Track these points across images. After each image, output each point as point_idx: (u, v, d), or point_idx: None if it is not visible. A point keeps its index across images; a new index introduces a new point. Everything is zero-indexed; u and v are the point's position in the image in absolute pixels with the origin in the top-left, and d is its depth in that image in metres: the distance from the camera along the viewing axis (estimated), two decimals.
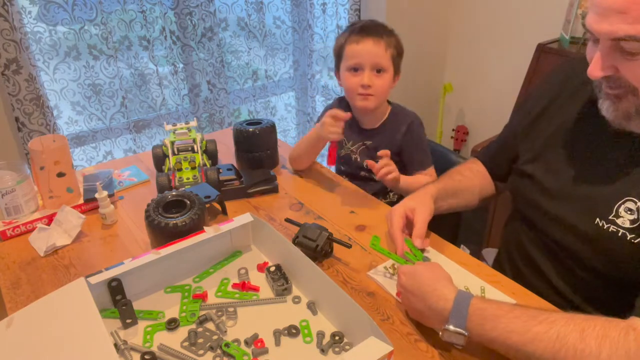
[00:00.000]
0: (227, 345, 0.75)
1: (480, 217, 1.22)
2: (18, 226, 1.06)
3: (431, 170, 1.34)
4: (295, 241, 0.96)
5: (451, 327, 0.72)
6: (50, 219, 1.07)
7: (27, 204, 1.08)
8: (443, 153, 1.41)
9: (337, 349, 0.76)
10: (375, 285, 0.91)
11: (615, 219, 0.81)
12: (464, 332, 0.71)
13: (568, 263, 0.90)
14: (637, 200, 0.79)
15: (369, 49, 1.24)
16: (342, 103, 1.40)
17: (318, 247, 0.94)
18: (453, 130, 2.71)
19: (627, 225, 0.79)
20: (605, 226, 0.81)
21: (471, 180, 1.12)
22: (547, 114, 0.96)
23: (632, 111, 0.76)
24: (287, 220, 1.03)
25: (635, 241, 0.79)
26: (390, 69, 1.27)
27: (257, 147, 1.31)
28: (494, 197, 1.17)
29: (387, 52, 1.25)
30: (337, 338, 0.77)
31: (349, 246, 0.95)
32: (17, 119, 1.69)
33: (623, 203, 0.80)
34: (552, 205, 0.90)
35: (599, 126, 0.83)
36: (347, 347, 0.76)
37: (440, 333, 0.74)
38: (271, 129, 1.32)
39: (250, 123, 1.32)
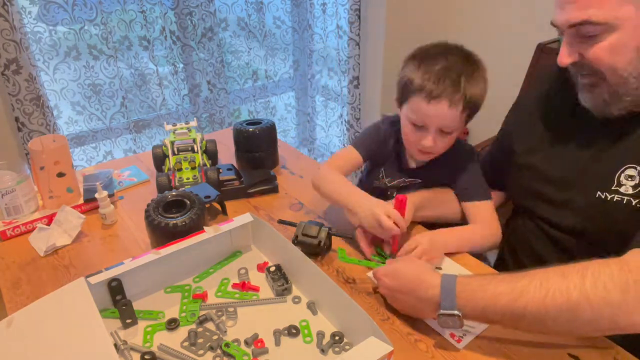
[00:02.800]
0: (227, 345, 0.75)
1: None
2: (18, 226, 1.06)
3: (484, 204, 1.08)
4: (296, 241, 0.96)
5: (444, 311, 0.74)
6: (50, 219, 1.07)
7: (27, 204, 1.08)
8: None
9: (337, 349, 0.76)
10: (375, 286, 0.91)
11: (618, 188, 0.83)
12: (457, 312, 0.73)
13: (575, 251, 0.91)
14: (636, 166, 0.81)
15: (440, 113, 0.97)
16: (394, 127, 1.13)
17: (321, 242, 0.95)
18: None
19: (630, 191, 0.81)
20: (609, 197, 0.83)
21: None
22: (538, 110, 0.99)
23: (607, 97, 0.80)
24: (280, 221, 1.03)
25: None
26: (463, 127, 1.04)
27: (257, 147, 1.31)
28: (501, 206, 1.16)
29: (462, 114, 0.98)
30: (337, 338, 0.77)
31: (351, 237, 0.96)
32: (17, 119, 1.69)
33: (623, 171, 0.82)
34: (556, 192, 0.92)
35: (585, 112, 0.86)
36: (347, 347, 0.76)
37: (437, 321, 0.76)
38: (271, 129, 1.32)
39: (250, 123, 1.32)
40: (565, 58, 0.80)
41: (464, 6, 2.48)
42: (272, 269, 0.90)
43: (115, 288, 0.81)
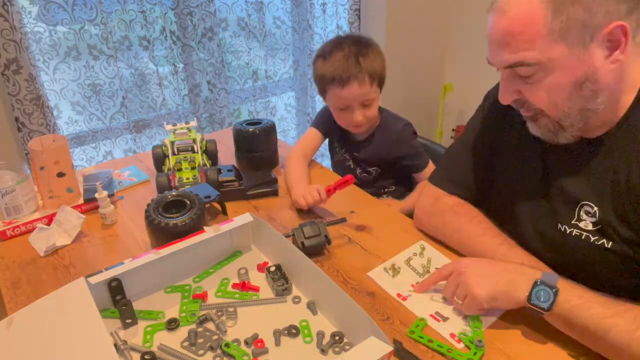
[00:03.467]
0: (227, 345, 0.75)
1: None
2: (18, 226, 1.06)
3: (428, 169, 1.34)
4: (303, 246, 0.95)
5: (544, 279, 0.73)
6: (50, 219, 1.07)
7: (27, 204, 1.08)
8: (443, 153, 1.41)
9: (337, 349, 0.76)
10: (375, 286, 0.91)
11: (577, 222, 0.83)
12: (555, 285, 0.72)
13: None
14: (592, 205, 0.81)
15: (355, 93, 1.20)
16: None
17: (327, 236, 0.97)
18: (453, 130, 2.71)
19: (590, 227, 0.82)
20: (569, 231, 0.84)
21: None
22: (503, 130, 0.96)
23: (551, 127, 0.80)
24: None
25: (599, 243, 0.81)
26: (378, 95, 1.24)
27: (257, 147, 1.31)
28: None
29: (373, 85, 1.21)
30: (337, 338, 0.77)
31: (344, 220, 1.02)
32: (17, 119, 1.69)
33: (582, 207, 0.82)
34: (519, 216, 0.93)
35: (543, 143, 0.86)
36: (347, 347, 0.76)
37: (526, 296, 0.74)
38: (271, 129, 1.32)
39: (250, 123, 1.32)
40: (505, 97, 0.81)
41: (463, 6, 2.48)
42: (272, 269, 0.90)
43: (115, 288, 0.81)
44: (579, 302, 0.72)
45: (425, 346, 0.77)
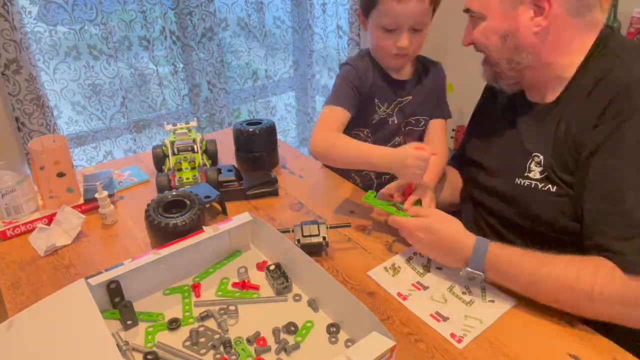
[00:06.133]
0: (237, 342, 0.76)
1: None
2: (18, 226, 1.06)
3: (445, 123, 1.27)
4: (299, 244, 0.95)
5: (469, 269, 0.86)
6: (50, 219, 1.07)
7: (27, 204, 1.08)
8: None
9: (333, 339, 0.77)
10: (375, 285, 0.91)
11: (529, 174, 0.94)
12: (480, 273, 0.85)
13: (509, 235, 1.01)
14: (539, 154, 0.92)
15: (411, 9, 1.03)
16: (364, 60, 1.17)
17: (325, 238, 0.96)
18: (453, 130, 2.71)
19: (537, 176, 0.92)
20: (522, 182, 0.95)
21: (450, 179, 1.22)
22: (486, 101, 1.16)
23: (491, 74, 0.98)
24: (281, 231, 1.00)
25: (545, 189, 0.91)
26: (430, 21, 1.10)
27: (257, 147, 1.31)
28: None
29: (430, 7, 1.06)
30: (333, 329, 0.78)
31: (348, 225, 1.01)
32: (17, 119, 1.69)
33: (532, 159, 0.93)
34: (487, 179, 1.05)
35: (509, 102, 1.03)
36: (349, 343, 0.76)
37: (460, 273, 0.87)
38: (271, 129, 1.32)
39: (250, 123, 1.32)
40: (464, 39, 0.99)
41: (463, 6, 2.48)
42: (272, 267, 0.90)
43: (114, 290, 0.81)
44: (509, 262, 0.83)
45: (379, 209, 0.99)
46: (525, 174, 0.94)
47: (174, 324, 0.80)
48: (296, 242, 0.95)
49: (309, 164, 1.38)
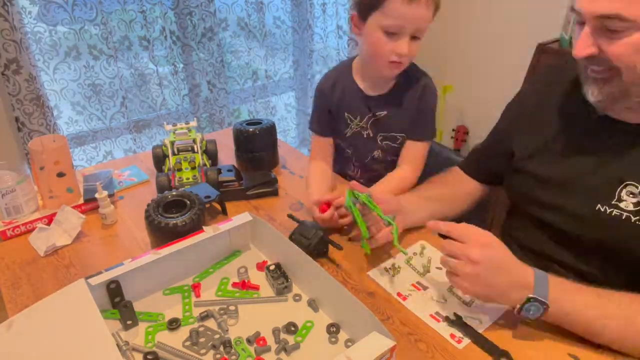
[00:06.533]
0: (237, 342, 0.76)
1: (478, 217, 1.20)
2: (18, 226, 1.06)
3: (424, 145, 1.18)
4: (291, 237, 0.96)
5: (537, 296, 0.73)
6: (50, 219, 1.07)
7: (27, 204, 1.08)
8: (443, 153, 1.41)
9: (333, 339, 0.77)
10: (375, 285, 0.91)
11: (618, 203, 0.82)
12: (546, 302, 0.73)
13: (572, 251, 0.91)
14: (637, 184, 0.81)
15: (419, 13, 0.99)
16: (335, 74, 1.20)
17: (311, 245, 0.94)
18: (453, 130, 2.71)
19: (631, 207, 0.81)
20: (608, 211, 0.83)
21: (454, 186, 1.13)
22: (540, 111, 0.97)
23: (616, 93, 0.78)
24: (290, 216, 1.04)
25: None
26: (427, 30, 1.05)
27: (257, 147, 1.31)
28: (485, 200, 1.18)
29: (433, 14, 1.02)
30: (333, 329, 0.77)
31: (340, 248, 0.95)
32: (17, 119, 1.69)
33: (624, 187, 0.82)
34: (550, 196, 0.92)
35: (590, 118, 0.85)
36: (349, 343, 0.76)
37: (516, 308, 0.75)
38: (271, 129, 1.32)
39: (250, 123, 1.32)
40: (582, 50, 0.75)
41: (463, 7, 2.48)
42: (272, 267, 0.90)
43: (114, 290, 0.81)
44: (568, 313, 0.74)
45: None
46: (614, 202, 0.83)
47: (174, 324, 0.80)
48: (291, 234, 0.96)
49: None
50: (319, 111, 1.24)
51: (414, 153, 1.18)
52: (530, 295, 0.73)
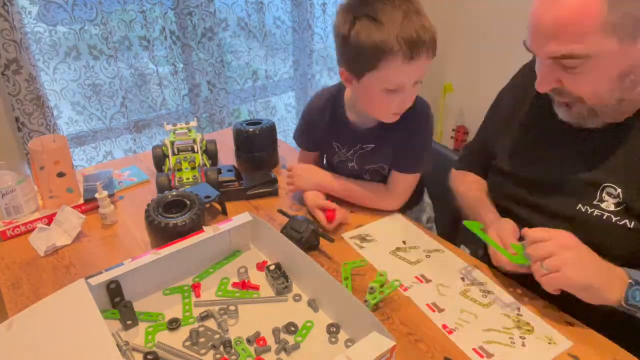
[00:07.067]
0: (237, 342, 0.76)
1: (462, 217, 1.18)
2: (18, 226, 1.06)
3: (413, 177, 1.09)
4: (283, 231, 0.97)
5: (636, 278, 0.72)
6: (50, 219, 1.07)
7: (27, 204, 1.08)
8: (443, 153, 1.41)
9: (333, 339, 0.77)
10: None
11: (599, 203, 0.83)
12: None
13: None
14: (615, 187, 0.81)
15: (421, 67, 0.91)
16: (327, 99, 1.13)
17: (302, 238, 0.96)
18: (453, 130, 2.71)
19: (612, 208, 0.81)
20: (589, 211, 0.83)
21: (479, 184, 1.09)
22: (517, 113, 0.97)
23: (585, 114, 0.80)
24: (280, 211, 1.05)
25: (621, 223, 0.80)
26: None
27: (257, 147, 1.31)
28: None
29: (433, 56, 0.93)
30: (333, 329, 0.78)
31: (331, 240, 0.97)
32: (17, 119, 1.69)
33: (604, 189, 0.82)
34: (531, 196, 0.92)
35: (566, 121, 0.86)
36: (349, 343, 0.76)
37: (623, 297, 0.73)
38: (271, 129, 1.32)
39: (250, 123, 1.32)
40: (544, 86, 0.79)
41: (463, 9, 2.48)
42: (272, 267, 0.90)
43: (114, 290, 0.81)
44: None
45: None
46: (595, 202, 0.83)
47: (174, 324, 0.80)
48: (282, 228, 0.97)
49: None
50: (307, 130, 1.21)
51: (397, 184, 1.10)
52: (629, 279, 0.72)
